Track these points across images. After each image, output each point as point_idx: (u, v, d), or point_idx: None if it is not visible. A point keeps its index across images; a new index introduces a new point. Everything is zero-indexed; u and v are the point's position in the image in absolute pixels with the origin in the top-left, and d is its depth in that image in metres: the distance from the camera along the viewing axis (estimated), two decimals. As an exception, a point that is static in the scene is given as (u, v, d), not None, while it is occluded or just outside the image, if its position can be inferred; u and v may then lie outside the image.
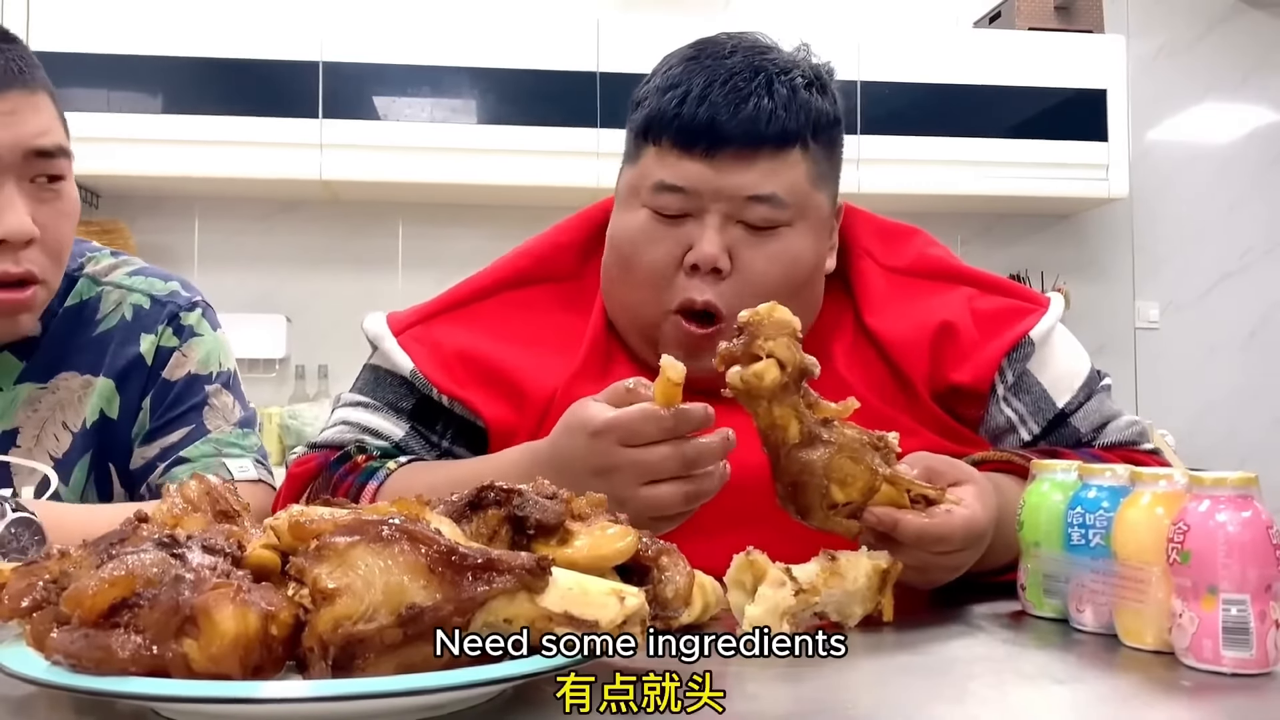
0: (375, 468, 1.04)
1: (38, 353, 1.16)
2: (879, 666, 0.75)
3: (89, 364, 1.17)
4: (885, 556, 0.84)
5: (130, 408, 1.18)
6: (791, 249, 1.04)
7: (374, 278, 3.65)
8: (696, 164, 1.02)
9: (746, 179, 1.02)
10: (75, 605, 0.55)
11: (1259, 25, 4.11)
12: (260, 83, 3.28)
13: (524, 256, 1.17)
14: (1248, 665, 0.69)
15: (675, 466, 0.84)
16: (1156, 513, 0.75)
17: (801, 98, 1.03)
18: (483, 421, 1.08)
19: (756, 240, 1.03)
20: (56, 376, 1.16)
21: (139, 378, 1.19)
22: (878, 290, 1.12)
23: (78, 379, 1.16)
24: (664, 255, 1.04)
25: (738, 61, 1.03)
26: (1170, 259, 4.02)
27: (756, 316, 0.83)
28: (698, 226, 1.03)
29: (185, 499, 0.71)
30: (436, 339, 1.11)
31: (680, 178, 1.03)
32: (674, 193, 1.03)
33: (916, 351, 1.08)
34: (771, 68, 1.04)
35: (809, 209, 1.05)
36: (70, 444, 1.15)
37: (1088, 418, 1.11)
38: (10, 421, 1.13)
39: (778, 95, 1.02)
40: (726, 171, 1.02)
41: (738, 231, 1.03)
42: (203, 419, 1.20)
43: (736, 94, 1.01)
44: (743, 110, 1.01)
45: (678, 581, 0.71)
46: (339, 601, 0.55)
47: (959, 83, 3.57)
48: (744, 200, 1.02)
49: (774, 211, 1.03)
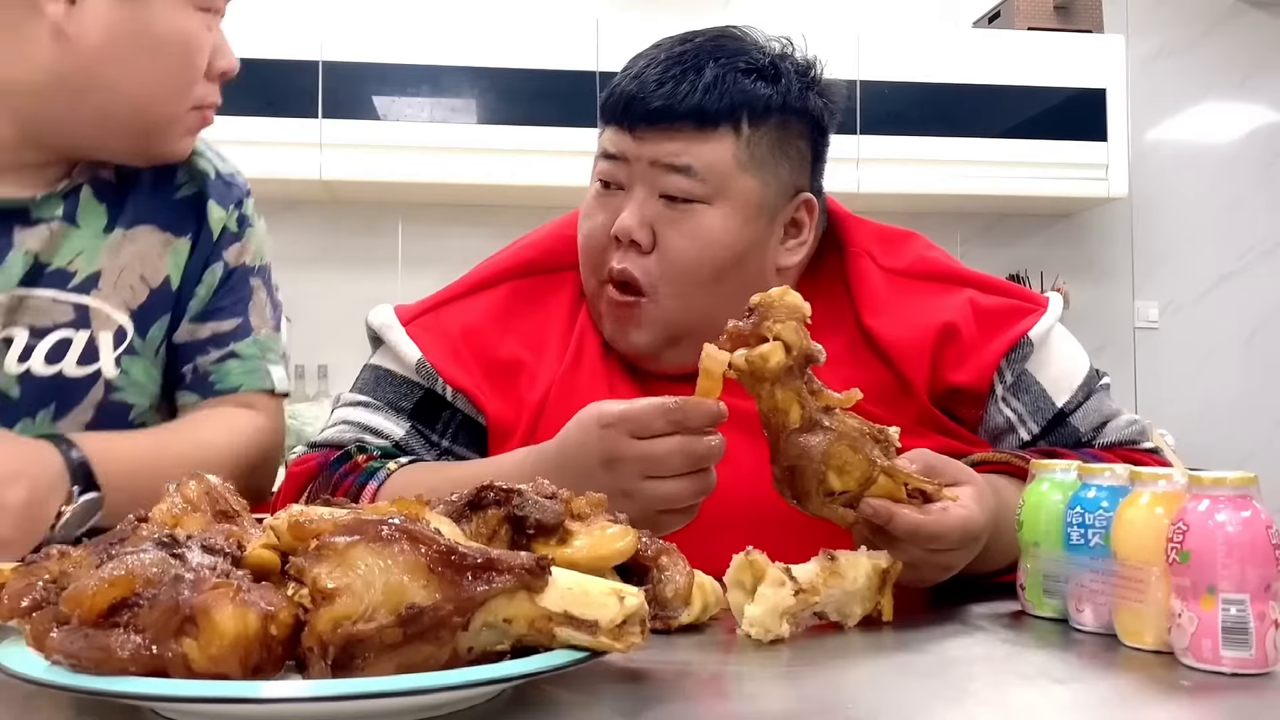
0: (376, 468, 1.04)
1: (125, 202, 1.16)
2: (879, 666, 0.76)
3: (169, 223, 1.18)
4: (885, 556, 0.84)
5: (193, 276, 1.19)
6: (708, 227, 1.06)
7: (374, 278, 3.66)
8: (622, 133, 1.07)
9: (665, 149, 1.05)
10: (75, 605, 0.55)
11: (1259, 25, 4.11)
12: (260, 82, 3.28)
13: (531, 247, 1.18)
14: (1247, 665, 0.69)
15: (680, 462, 0.85)
16: (1156, 512, 0.75)
17: (733, 80, 1.06)
18: (484, 418, 1.09)
19: (675, 216, 1.06)
20: (139, 227, 1.16)
21: (205, 249, 1.19)
22: (877, 291, 1.12)
23: (159, 234, 1.17)
24: (600, 226, 1.08)
25: (686, 47, 1.08)
26: (1170, 259, 4.02)
27: (767, 298, 0.83)
28: (627, 199, 1.07)
29: (185, 499, 0.71)
30: (444, 326, 1.12)
31: (614, 146, 1.08)
32: (609, 160, 1.08)
33: (917, 354, 1.08)
34: (716, 52, 1.07)
35: (731, 190, 1.06)
36: (148, 298, 1.16)
37: (1087, 417, 1.11)
38: (94, 265, 1.12)
39: (704, 75, 1.05)
40: (650, 142, 1.06)
41: (659, 206, 1.06)
42: (248, 313, 1.22)
43: (664, 73, 1.06)
44: (664, 87, 1.05)
45: (677, 581, 0.71)
46: (339, 601, 0.55)
47: (958, 82, 3.57)
48: (662, 169, 1.05)
49: (690, 184, 1.05)
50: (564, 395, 1.06)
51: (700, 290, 1.06)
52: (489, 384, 1.09)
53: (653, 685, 0.67)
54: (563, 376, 1.09)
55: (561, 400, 1.06)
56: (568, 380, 1.08)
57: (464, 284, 1.17)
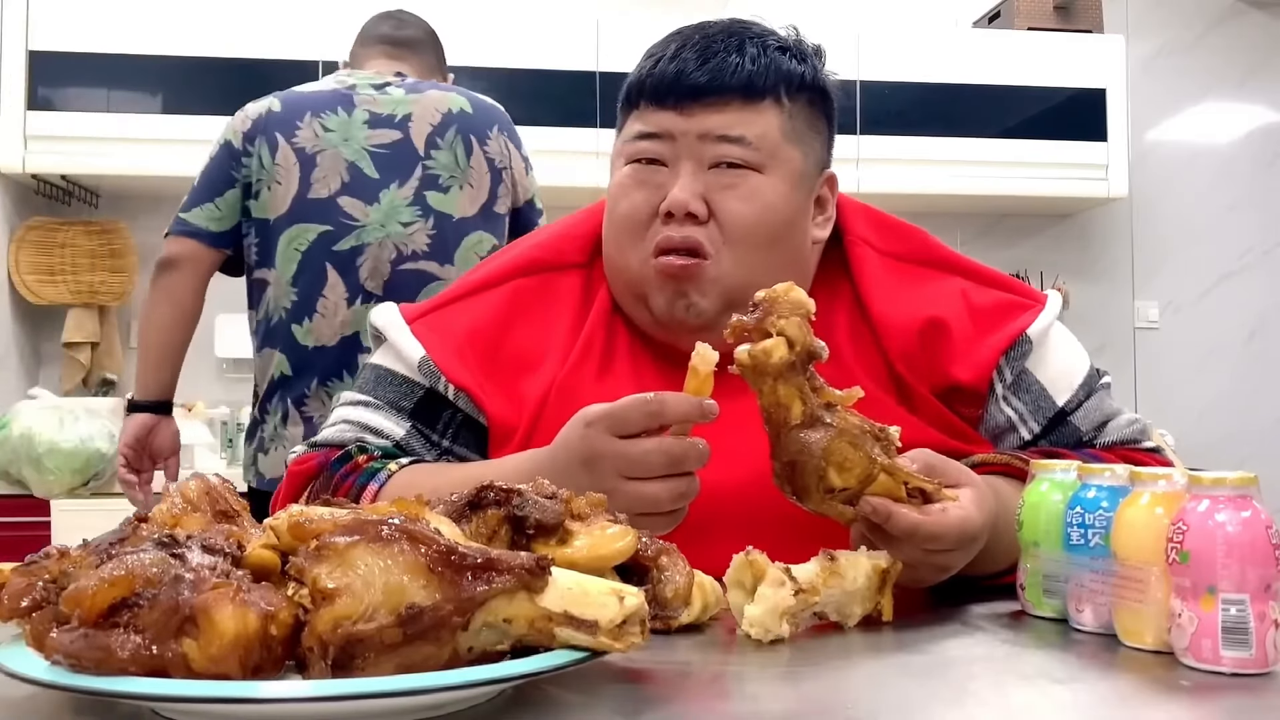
0: (376, 468, 1.04)
1: None
2: (879, 666, 0.76)
3: None
4: (885, 557, 0.84)
5: None
6: (763, 192, 1.06)
7: (374, 278, 3.65)
8: (669, 113, 1.07)
9: (715, 121, 1.06)
10: (75, 605, 0.55)
11: (1259, 25, 4.11)
12: (260, 83, 3.27)
13: (536, 246, 1.18)
14: (1247, 665, 0.69)
15: (659, 462, 0.84)
16: (1156, 513, 0.75)
17: (772, 56, 1.08)
18: (485, 418, 1.08)
19: (729, 182, 1.06)
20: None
21: None
22: (874, 273, 1.12)
23: None
24: (642, 202, 1.07)
25: (715, 28, 1.09)
26: (1170, 259, 4.02)
27: (772, 294, 0.83)
28: (672, 176, 1.06)
29: (185, 499, 0.71)
30: (448, 324, 1.11)
31: (654, 125, 1.07)
32: (650, 139, 1.08)
33: (904, 337, 1.09)
34: (745, 32, 1.09)
35: (780, 160, 1.08)
36: None
37: (1088, 416, 1.11)
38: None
39: (746, 51, 1.07)
40: (696, 117, 1.06)
41: (710, 177, 1.06)
42: None
43: (707, 50, 1.07)
44: (710, 63, 1.06)
45: (677, 581, 0.71)
46: (339, 601, 0.55)
47: (958, 82, 3.57)
48: (714, 141, 1.06)
49: (744, 152, 1.06)
50: (565, 395, 1.06)
51: (758, 254, 1.07)
52: (491, 383, 1.09)
53: (653, 685, 0.67)
54: (565, 376, 1.08)
55: (562, 401, 1.05)
56: (571, 380, 1.08)
57: (468, 283, 1.16)
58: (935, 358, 1.09)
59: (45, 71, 3.21)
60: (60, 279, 3.38)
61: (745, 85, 1.06)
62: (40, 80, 3.20)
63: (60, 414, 2.83)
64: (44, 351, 3.54)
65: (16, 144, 3.18)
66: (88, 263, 3.41)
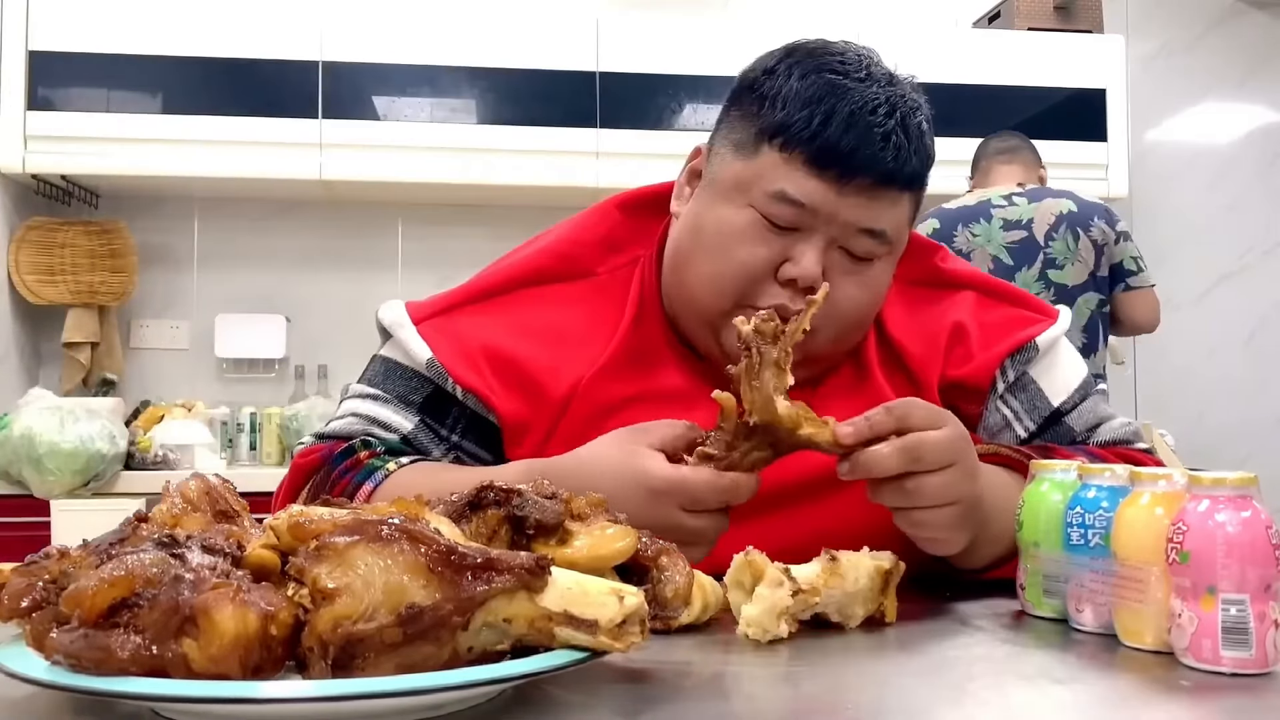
0: (375, 466, 1.03)
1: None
2: (879, 666, 0.76)
3: None
4: (888, 557, 0.84)
5: None
6: (880, 279, 1.06)
7: (374, 278, 3.65)
8: (824, 186, 1.01)
9: (866, 212, 1.02)
10: (75, 605, 0.55)
11: (1259, 25, 4.11)
12: (260, 82, 3.28)
13: (544, 254, 1.16)
14: (1247, 665, 0.69)
15: (718, 527, 0.88)
16: (1156, 513, 0.75)
17: (928, 141, 1.05)
18: (495, 416, 1.08)
19: (853, 268, 1.04)
20: None
21: None
22: (895, 303, 1.14)
23: None
24: (762, 261, 1.03)
25: (874, 92, 1.02)
26: (1169, 259, 4.02)
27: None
28: (802, 241, 1.02)
29: (185, 499, 0.71)
30: (458, 330, 1.10)
31: (804, 194, 1.01)
32: (792, 206, 1.01)
33: (933, 360, 1.11)
34: (903, 105, 1.03)
35: (898, 246, 1.07)
36: None
37: (1082, 417, 1.12)
38: None
39: (913, 137, 1.02)
40: (851, 200, 1.01)
41: (836, 256, 1.03)
42: None
43: (880, 128, 1.00)
44: (885, 147, 1.00)
45: (677, 581, 0.71)
46: (339, 601, 0.55)
47: (958, 83, 3.57)
48: (855, 230, 1.02)
49: (877, 246, 1.04)
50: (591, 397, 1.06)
51: (859, 331, 1.08)
52: (502, 386, 1.08)
53: (653, 685, 0.67)
54: (599, 374, 1.07)
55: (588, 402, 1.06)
56: (608, 380, 1.07)
57: (476, 288, 1.14)
58: (949, 361, 1.11)
59: (45, 71, 3.21)
60: (60, 279, 3.38)
61: (910, 178, 1.03)
62: (40, 80, 3.20)
63: (60, 414, 2.82)
64: (44, 351, 3.54)
65: (16, 144, 3.18)
66: (88, 263, 3.41)
